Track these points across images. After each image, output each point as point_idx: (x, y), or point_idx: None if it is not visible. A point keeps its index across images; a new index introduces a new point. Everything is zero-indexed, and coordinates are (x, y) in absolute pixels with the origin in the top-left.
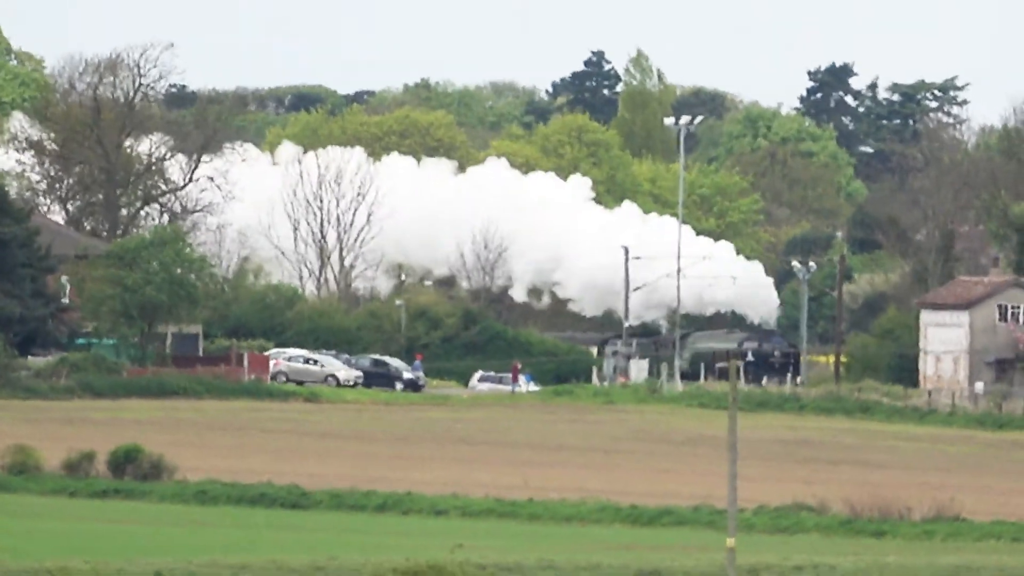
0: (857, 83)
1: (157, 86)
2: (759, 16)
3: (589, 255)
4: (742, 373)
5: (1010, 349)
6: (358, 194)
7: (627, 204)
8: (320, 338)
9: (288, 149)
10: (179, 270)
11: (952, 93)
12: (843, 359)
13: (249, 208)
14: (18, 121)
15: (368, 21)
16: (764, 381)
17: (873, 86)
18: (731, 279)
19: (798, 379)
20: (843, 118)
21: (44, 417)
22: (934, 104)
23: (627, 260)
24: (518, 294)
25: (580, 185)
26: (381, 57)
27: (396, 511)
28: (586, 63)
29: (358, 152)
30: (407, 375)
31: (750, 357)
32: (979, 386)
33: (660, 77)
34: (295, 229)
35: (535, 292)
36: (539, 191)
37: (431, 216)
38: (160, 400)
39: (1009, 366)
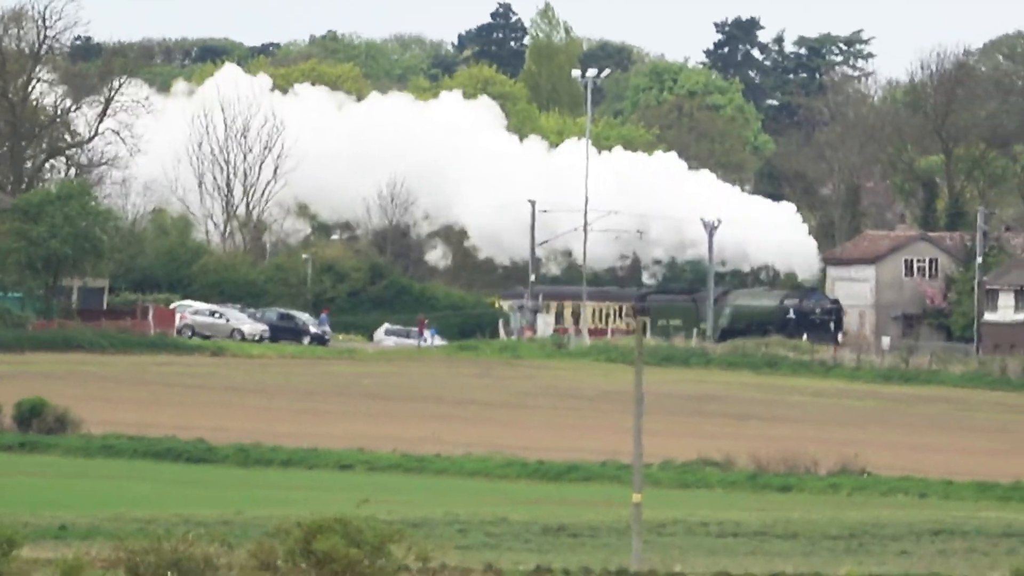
0: (763, 36)
1: (62, 38)
2: None
3: (494, 189)
4: (785, 331)
5: (916, 303)
6: (265, 147)
7: (534, 139)
8: (226, 292)
9: (191, 99)
10: (84, 224)
11: (858, 47)
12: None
13: (155, 161)
14: None
15: None
16: (804, 338)
17: (779, 39)
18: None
19: (839, 336)
20: (749, 71)
21: None
22: (840, 58)
23: (533, 215)
24: (424, 228)
25: (487, 107)
26: (287, 9)
27: (302, 466)
28: (493, 16)
29: (264, 91)
30: (313, 329)
31: (791, 314)
32: (885, 340)
33: (567, 30)
34: (200, 183)
35: (443, 237)
36: (445, 116)
37: (337, 154)
38: (66, 354)
39: (915, 320)
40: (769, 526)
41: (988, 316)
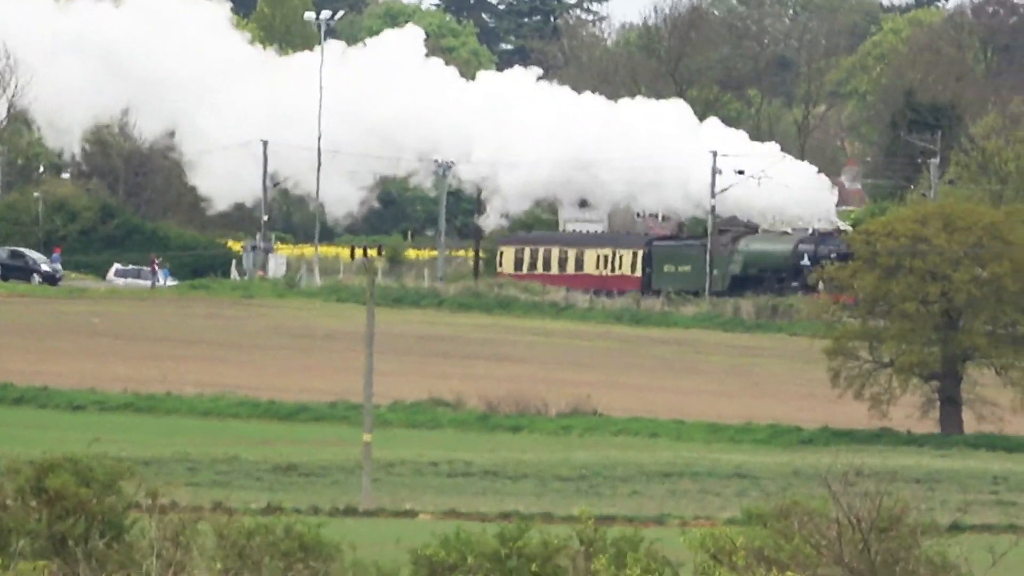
0: None
1: None
2: None
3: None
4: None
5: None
6: None
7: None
8: None
9: None
10: None
11: None
12: (482, 255)
13: None
14: None
15: None
16: (820, 286)
17: None
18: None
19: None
20: (483, 14)
21: None
22: (573, 1)
23: (265, 154)
24: (151, 130)
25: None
26: None
27: (33, 405)
28: None
29: None
30: (44, 268)
31: (806, 260)
32: None
33: None
34: None
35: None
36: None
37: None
38: None
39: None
40: (500, 466)
41: None
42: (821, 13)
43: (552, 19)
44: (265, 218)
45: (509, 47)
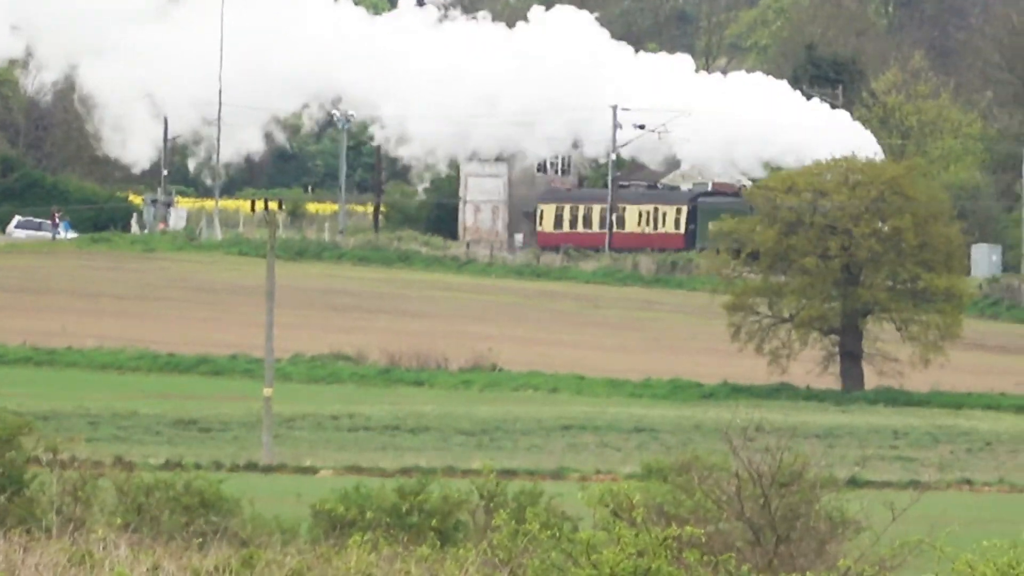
0: None
1: None
2: None
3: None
4: None
5: None
6: None
7: None
8: None
9: None
10: None
11: None
12: (382, 209)
13: None
14: None
15: None
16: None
17: None
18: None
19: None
20: None
21: None
22: None
23: (165, 119)
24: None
25: None
26: None
27: None
28: None
29: None
30: None
31: None
32: (518, 237)
33: None
34: None
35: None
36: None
37: None
38: None
39: None
40: (401, 420)
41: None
42: None
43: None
44: (165, 172)
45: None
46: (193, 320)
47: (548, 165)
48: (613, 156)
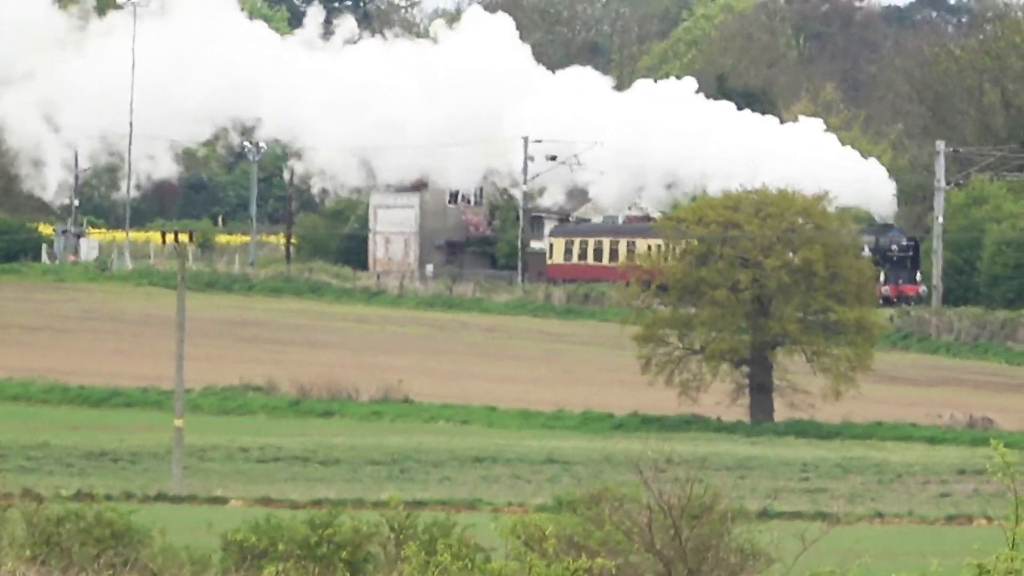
0: None
1: None
2: None
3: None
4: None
5: (460, 231)
6: None
7: None
8: None
9: None
10: None
11: None
12: (293, 240)
13: None
14: None
15: None
16: (882, 278)
17: None
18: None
19: (918, 276)
20: (295, 0)
21: None
22: None
23: (75, 146)
24: None
25: None
26: None
27: None
28: None
29: None
30: None
31: (867, 252)
32: (429, 268)
33: None
34: None
35: None
36: None
37: None
38: None
39: (459, 248)
40: (312, 451)
41: (533, 244)
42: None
43: (363, 5)
44: (76, 203)
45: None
46: (104, 352)
47: (460, 197)
48: (525, 188)
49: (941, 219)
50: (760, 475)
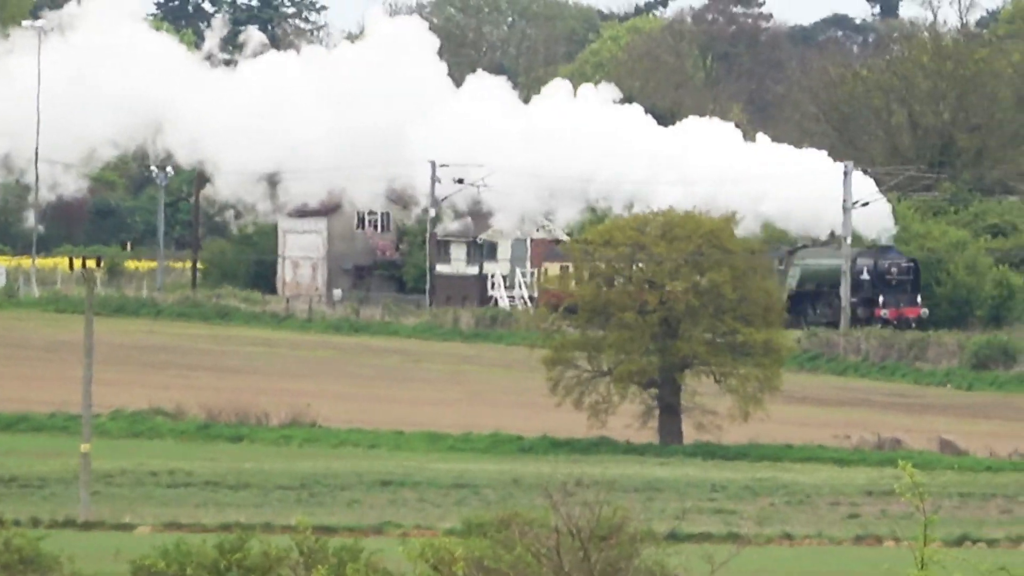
0: None
1: None
2: None
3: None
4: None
5: (368, 255)
6: None
7: None
8: None
9: None
10: None
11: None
12: (200, 265)
13: None
14: None
15: None
16: (882, 300)
17: None
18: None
19: (919, 299)
20: (200, 23)
21: None
22: (291, 10)
23: None
24: None
25: None
26: None
27: None
28: None
29: None
30: None
31: (865, 275)
32: (337, 292)
33: None
34: None
35: None
36: None
37: None
38: None
39: (367, 272)
40: (220, 476)
41: (440, 268)
42: (539, 21)
43: (270, 28)
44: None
45: (227, 57)
46: (11, 377)
47: (367, 221)
48: (433, 212)
49: (849, 240)
50: (669, 497)
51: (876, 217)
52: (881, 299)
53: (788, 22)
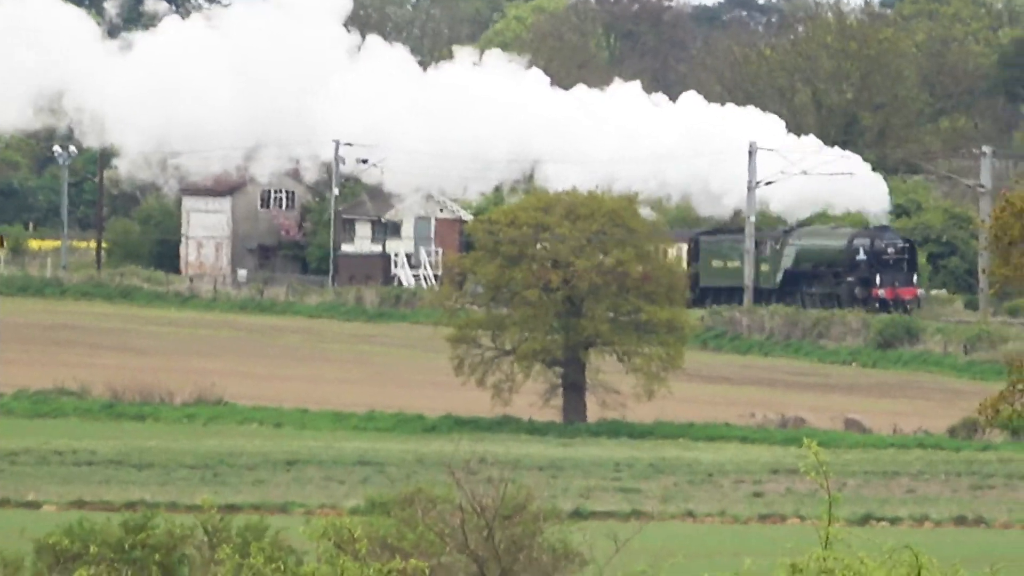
0: None
1: None
2: None
3: None
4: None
5: (272, 235)
6: None
7: None
8: None
9: None
10: None
11: None
12: (105, 245)
13: None
14: None
15: None
16: (878, 280)
17: None
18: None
19: (915, 279)
20: (104, 4)
21: None
22: None
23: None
24: None
25: None
26: None
27: None
28: None
29: None
30: None
31: (862, 255)
32: (242, 272)
33: None
34: None
35: None
36: None
37: None
38: None
39: (271, 252)
40: (125, 455)
41: (345, 247)
42: (443, 1)
43: (177, 9)
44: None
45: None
46: None
47: (272, 199)
48: (336, 191)
49: (753, 218)
50: (573, 475)
51: (871, 196)
52: (878, 279)
53: (692, 1)
